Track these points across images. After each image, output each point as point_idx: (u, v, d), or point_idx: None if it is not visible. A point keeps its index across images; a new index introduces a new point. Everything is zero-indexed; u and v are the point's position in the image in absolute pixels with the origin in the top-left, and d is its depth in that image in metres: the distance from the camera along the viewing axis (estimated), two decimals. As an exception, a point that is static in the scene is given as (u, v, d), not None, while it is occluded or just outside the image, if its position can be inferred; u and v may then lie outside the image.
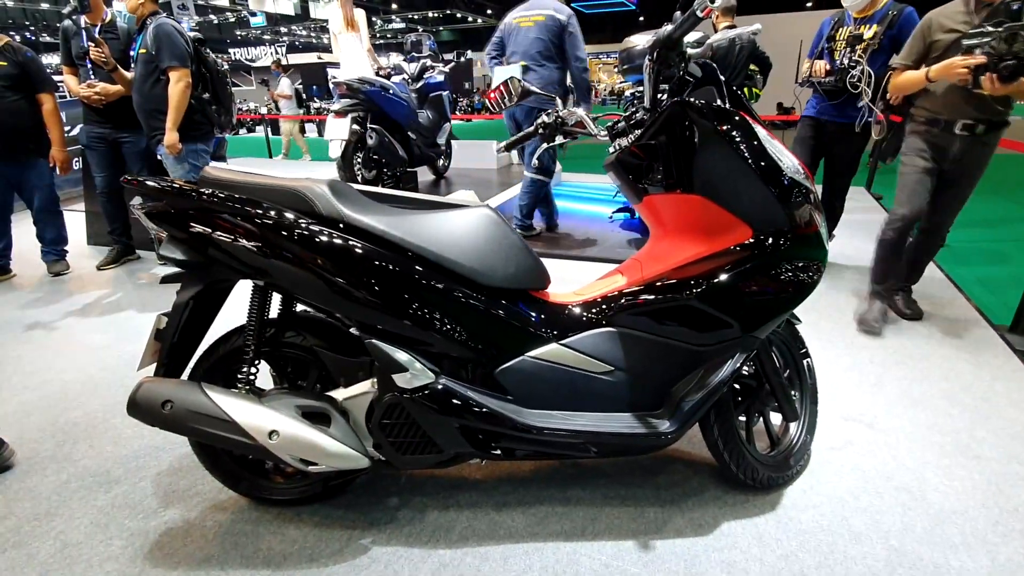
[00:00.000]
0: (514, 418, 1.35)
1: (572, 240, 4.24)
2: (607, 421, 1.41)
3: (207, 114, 3.07)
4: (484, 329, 1.36)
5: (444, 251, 1.34)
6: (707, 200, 1.35)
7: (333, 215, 1.30)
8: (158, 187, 1.32)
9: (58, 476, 1.71)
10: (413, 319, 1.29)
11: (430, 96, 5.79)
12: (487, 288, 1.37)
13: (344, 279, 1.25)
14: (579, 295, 1.53)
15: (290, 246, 1.25)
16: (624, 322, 1.42)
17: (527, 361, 1.41)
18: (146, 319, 2.83)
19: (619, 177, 1.50)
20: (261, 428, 1.28)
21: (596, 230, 4.49)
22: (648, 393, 1.45)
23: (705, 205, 1.35)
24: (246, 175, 1.38)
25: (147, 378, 1.34)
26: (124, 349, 2.51)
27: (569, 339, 1.43)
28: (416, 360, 1.31)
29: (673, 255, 1.42)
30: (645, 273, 1.45)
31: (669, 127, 1.36)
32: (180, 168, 2.99)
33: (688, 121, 1.34)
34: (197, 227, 1.28)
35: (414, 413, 1.33)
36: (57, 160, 3.29)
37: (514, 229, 1.44)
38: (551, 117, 1.62)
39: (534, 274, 1.44)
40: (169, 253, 1.31)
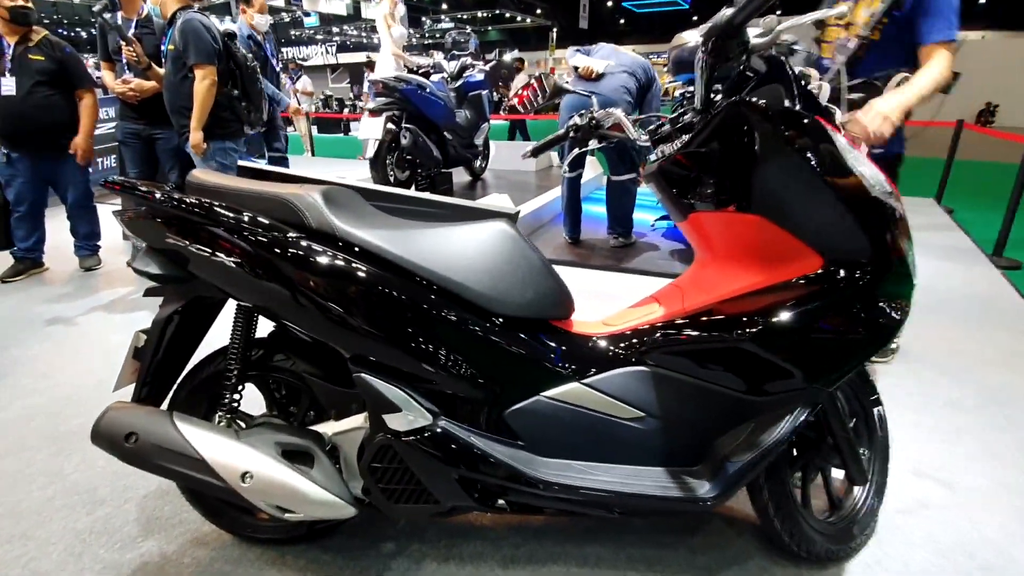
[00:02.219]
0: (524, 470, 1.15)
1: (608, 250, 4.00)
2: (635, 477, 1.19)
3: (236, 111, 2.99)
4: (494, 364, 1.17)
5: (450, 272, 1.15)
6: (768, 221, 1.11)
7: (324, 228, 1.13)
8: (139, 191, 1.19)
9: (44, 492, 1.61)
10: (410, 351, 1.12)
11: (469, 95, 5.64)
12: (500, 317, 1.18)
13: (334, 303, 1.09)
14: (607, 326, 1.32)
15: (272, 264, 1.09)
16: (659, 361, 1.20)
17: (542, 402, 1.21)
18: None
19: (661, 190, 1.28)
20: (233, 468, 1.12)
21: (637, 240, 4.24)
22: (684, 446, 1.23)
23: (765, 227, 1.12)
24: (235, 180, 1.23)
25: (116, 404, 1.21)
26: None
27: (592, 378, 1.22)
28: (412, 399, 1.13)
29: (722, 284, 1.19)
30: (687, 304, 1.23)
31: (724, 132, 1.13)
32: (207, 167, 2.92)
33: (748, 125, 1.10)
34: (174, 238, 1.14)
35: (407, 459, 1.15)
36: (79, 148, 3.25)
37: (534, 247, 1.24)
38: (584, 118, 1.41)
39: (556, 301, 1.24)
40: (143, 266, 1.17)
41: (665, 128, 1.27)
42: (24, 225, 3.31)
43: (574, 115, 1.45)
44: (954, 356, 2.42)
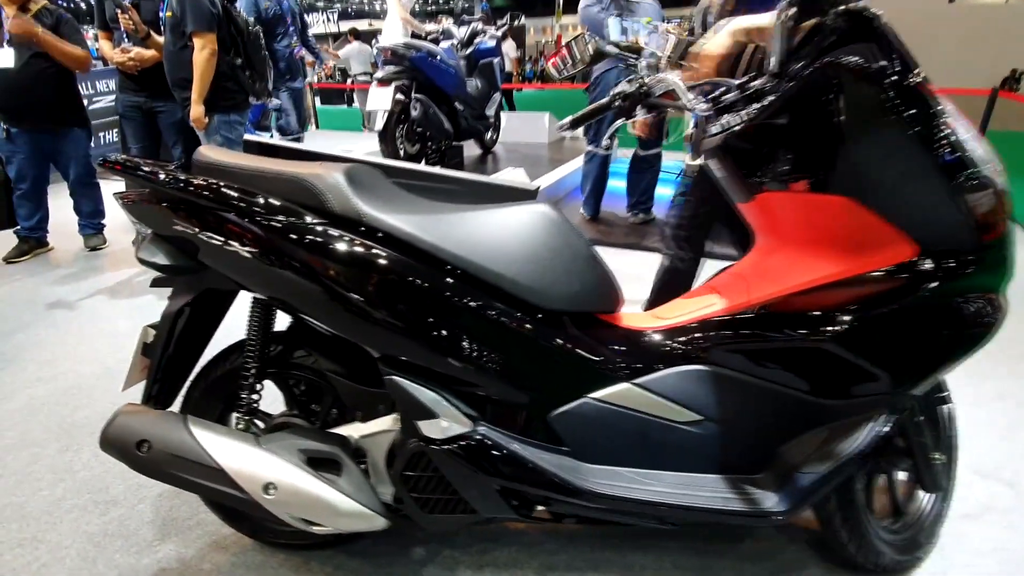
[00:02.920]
0: (571, 480, 1.05)
1: (628, 227, 3.85)
2: (692, 487, 1.09)
3: (240, 81, 2.82)
4: (537, 363, 1.06)
5: (488, 261, 1.03)
6: (857, 204, 0.97)
7: (349, 213, 1.01)
8: (141, 171, 1.06)
9: (53, 491, 1.53)
10: (446, 350, 1.00)
11: (480, 63, 5.42)
12: (543, 311, 1.06)
13: (360, 297, 0.97)
14: (659, 319, 1.19)
15: (293, 253, 0.97)
16: (720, 359, 1.09)
17: (590, 404, 1.10)
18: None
19: (723, 167, 1.14)
20: (255, 479, 1.02)
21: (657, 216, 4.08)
22: (745, 452, 1.12)
23: (853, 210, 0.98)
24: (247, 159, 1.10)
25: (126, 407, 1.11)
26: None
27: (645, 378, 1.10)
28: (449, 403, 1.03)
29: (794, 274, 1.06)
30: (752, 295, 1.10)
31: (811, 100, 0.98)
32: (211, 142, 2.78)
33: (841, 92, 0.95)
34: (182, 225, 1.02)
35: (443, 468, 1.05)
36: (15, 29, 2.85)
37: (578, 232, 1.11)
38: (634, 85, 1.25)
39: (603, 292, 1.12)
40: (149, 256, 1.06)
41: (729, 96, 1.12)
42: (27, 204, 3.19)
43: (621, 81, 1.30)
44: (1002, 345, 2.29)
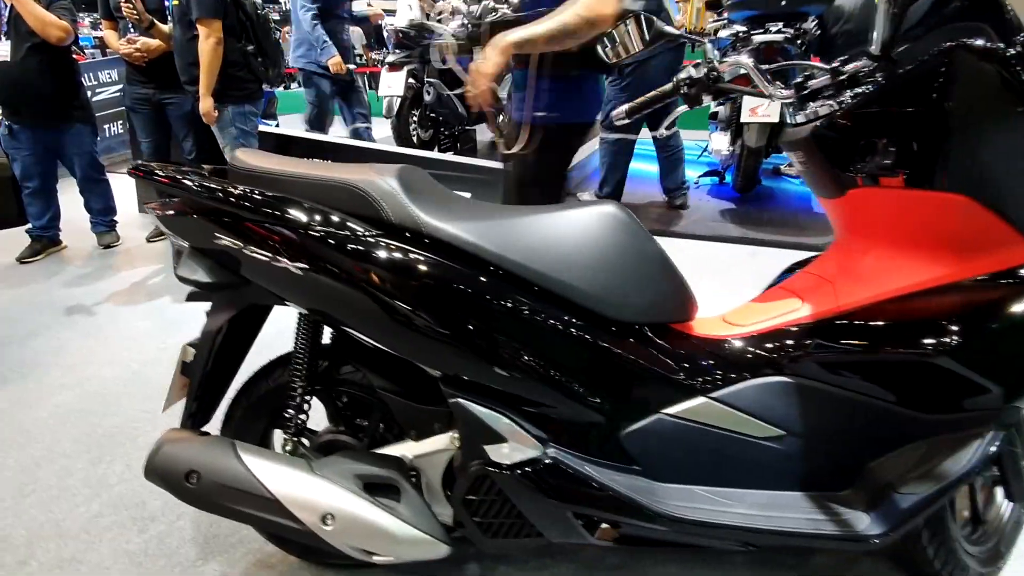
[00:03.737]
0: (647, 504, 0.98)
1: (651, 210, 3.75)
2: (775, 508, 1.01)
3: (252, 69, 2.71)
4: (611, 380, 0.99)
5: (558, 272, 0.95)
6: (974, 202, 0.88)
7: (407, 222, 0.93)
8: (173, 180, 0.98)
9: (88, 507, 1.48)
10: (516, 369, 0.93)
11: (491, 44, 5.25)
12: (616, 323, 0.98)
13: (425, 316, 0.89)
14: (734, 325, 1.11)
15: (350, 269, 0.89)
16: (806, 370, 1.01)
17: (665, 421, 1.02)
18: (194, 305, 2.61)
19: (811, 160, 1.04)
20: (313, 509, 0.96)
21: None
22: (831, 467, 1.04)
23: (970, 209, 0.88)
24: (286, 163, 1.02)
25: (169, 434, 1.04)
26: (168, 340, 2.28)
27: (723, 391, 1.03)
28: (518, 426, 0.95)
29: (892, 277, 0.97)
30: (842, 300, 1.01)
31: (928, 87, 0.88)
32: (226, 135, 2.68)
33: (971, 78, 0.84)
34: (226, 239, 0.94)
35: (511, 493, 0.98)
36: None
37: (648, 234, 1.02)
38: (701, 70, 1.15)
39: (679, 301, 1.03)
40: (190, 273, 0.98)
41: (817, 81, 1.02)
42: (36, 202, 3.11)
43: (687, 66, 1.19)
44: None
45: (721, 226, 3.43)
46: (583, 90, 1.52)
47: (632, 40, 1.36)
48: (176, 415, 1.17)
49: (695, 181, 4.26)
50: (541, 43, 1.22)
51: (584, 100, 1.55)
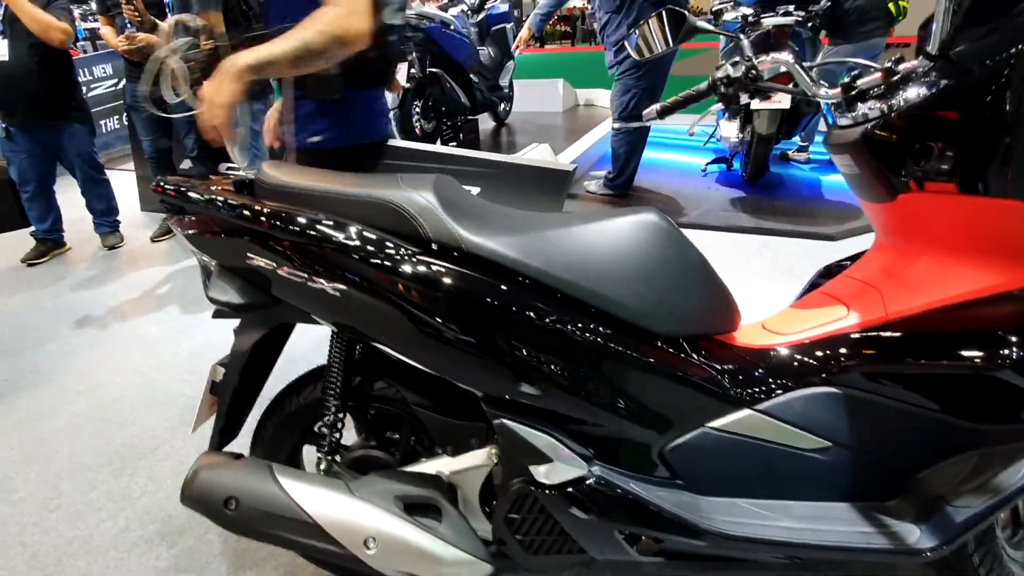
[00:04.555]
0: (694, 520, 0.96)
1: (658, 201, 3.70)
2: (823, 520, 1.00)
3: None
4: (656, 395, 0.96)
5: (601, 286, 0.92)
6: None
7: (445, 239, 0.89)
8: (199, 197, 0.95)
9: (115, 521, 1.47)
10: (562, 387, 0.91)
11: (492, 30, 5.17)
12: (660, 336, 0.96)
13: (470, 336, 0.87)
14: (776, 333, 1.09)
15: (390, 289, 0.86)
16: (856, 382, 0.98)
17: (709, 434, 1.00)
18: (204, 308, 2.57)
19: (860, 163, 1.00)
20: (354, 532, 0.94)
21: (689, 188, 3.93)
22: (877, 478, 1.03)
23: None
24: (316, 176, 0.98)
25: (204, 458, 1.02)
26: (181, 345, 2.26)
27: (768, 403, 1.00)
28: (562, 445, 0.93)
29: (942, 285, 0.94)
30: (891, 308, 0.98)
31: (1000, 90, 0.83)
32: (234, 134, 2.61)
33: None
34: (260, 260, 0.91)
35: (555, 512, 0.96)
36: None
37: (691, 243, 0.99)
38: (739, 68, 1.11)
39: (722, 311, 1.01)
40: (221, 295, 0.95)
41: (866, 80, 0.97)
42: (36, 205, 3.06)
43: (724, 64, 1.15)
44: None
45: (733, 216, 3.39)
46: (361, 109, 1.32)
47: (659, 37, 1.31)
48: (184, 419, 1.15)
49: (702, 169, 4.21)
50: (284, 66, 1.00)
51: (364, 119, 1.34)
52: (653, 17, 1.28)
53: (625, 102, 3.46)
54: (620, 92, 3.45)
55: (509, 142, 5.19)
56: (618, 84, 3.46)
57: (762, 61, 1.11)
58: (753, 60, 1.10)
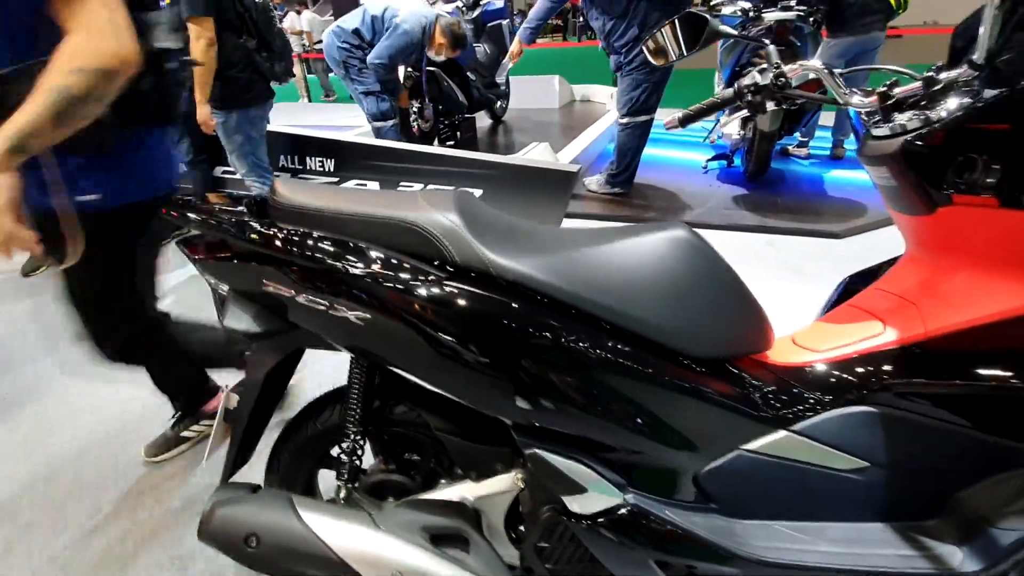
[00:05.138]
0: (730, 547, 0.94)
1: (661, 198, 3.67)
2: (861, 543, 0.98)
3: (257, 67, 2.51)
4: (692, 419, 0.93)
5: (638, 309, 0.89)
6: None
7: (473, 262, 0.86)
8: (209, 220, 0.91)
9: (123, 546, 1.42)
10: (598, 413, 0.87)
11: (488, 26, 5.10)
12: (695, 359, 0.93)
13: (505, 365, 0.83)
14: (809, 350, 1.06)
15: (419, 317, 0.82)
16: (894, 401, 0.96)
17: (744, 457, 0.97)
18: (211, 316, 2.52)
19: (898, 175, 0.96)
20: (381, 567, 0.91)
21: (690, 185, 3.90)
22: (916, 498, 1.00)
23: None
24: (333, 196, 0.94)
25: (220, 492, 0.98)
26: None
27: (804, 423, 0.98)
28: (597, 474, 0.90)
29: (987, 301, 0.91)
30: (930, 324, 0.95)
31: None
32: (231, 142, 2.54)
33: None
34: (274, 285, 0.87)
35: (589, 543, 0.93)
36: None
37: (723, 260, 0.96)
38: (767, 75, 1.07)
39: (757, 330, 0.98)
40: (236, 323, 0.91)
41: (903, 89, 0.94)
42: None
43: (751, 71, 1.11)
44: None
45: (736, 214, 3.37)
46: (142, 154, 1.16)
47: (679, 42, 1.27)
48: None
49: (703, 166, 4.19)
50: (48, 129, 0.85)
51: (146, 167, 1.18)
52: (672, 22, 1.24)
53: (635, 97, 3.42)
54: (630, 87, 3.41)
55: (507, 141, 5.13)
56: (627, 79, 3.42)
57: (792, 68, 1.07)
58: (782, 67, 1.07)
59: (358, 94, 3.70)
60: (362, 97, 3.69)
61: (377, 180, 3.00)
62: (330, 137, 3.05)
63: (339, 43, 3.58)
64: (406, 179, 2.94)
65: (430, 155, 2.86)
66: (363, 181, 3.04)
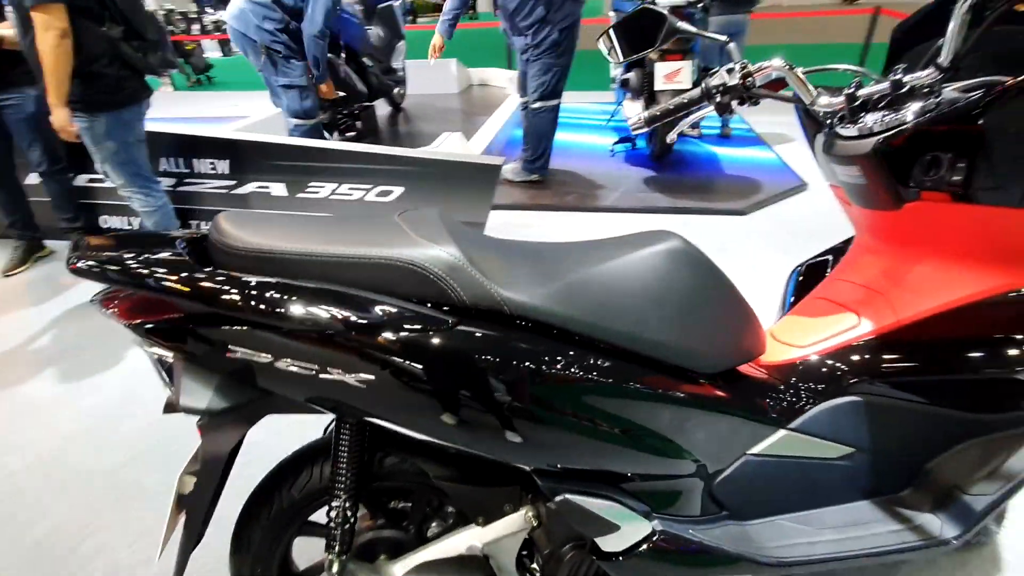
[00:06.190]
0: (751, 554, 0.95)
1: (577, 185, 3.70)
2: (855, 527, 1.03)
3: (127, 60, 2.10)
4: (708, 433, 0.92)
5: (650, 331, 0.85)
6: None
7: (484, 301, 0.76)
8: (145, 273, 0.72)
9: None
10: (626, 444, 0.83)
11: (378, 8, 4.81)
12: (705, 374, 0.91)
13: (531, 409, 0.76)
14: (791, 346, 1.08)
15: (434, 371, 0.72)
16: (875, 388, 1.01)
17: (750, 461, 0.98)
18: (96, 347, 2.15)
19: (869, 174, 1.00)
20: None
21: (601, 169, 3.97)
22: (892, 474, 1.08)
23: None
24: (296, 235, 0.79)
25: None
26: (83, 406, 1.88)
27: (798, 419, 1.01)
28: (626, 508, 0.86)
29: (951, 287, 0.98)
30: (901, 313, 1.01)
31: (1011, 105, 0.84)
32: (102, 151, 2.14)
33: None
34: (243, 351, 0.72)
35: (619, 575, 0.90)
36: None
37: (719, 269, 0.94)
38: (735, 75, 1.05)
39: (754, 338, 0.98)
40: (196, 400, 0.75)
41: (869, 90, 0.97)
42: None
43: (719, 70, 1.09)
44: None
45: (649, 197, 3.48)
46: None
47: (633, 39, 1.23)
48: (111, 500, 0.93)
49: (610, 149, 4.29)
50: None
51: None
52: (629, 17, 1.21)
53: (547, 81, 3.39)
54: (541, 71, 3.37)
55: (411, 130, 4.91)
56: (537, 64, 3.37)
57: (758, 69, 1.07)
58: (749, 68, 1.07)
59: (277, 87, 3.23)
60: (282, 91, 3.23)
61: (283, 182, 2.71)
62: (224, 135, 2.70)
63: (260, 22, 2.97)
64: (316, 180, 2.69)
65: (343, 152, 2.63)
66: (265, 184, 2.74)
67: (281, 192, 2.76)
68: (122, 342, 2.10)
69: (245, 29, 3.01)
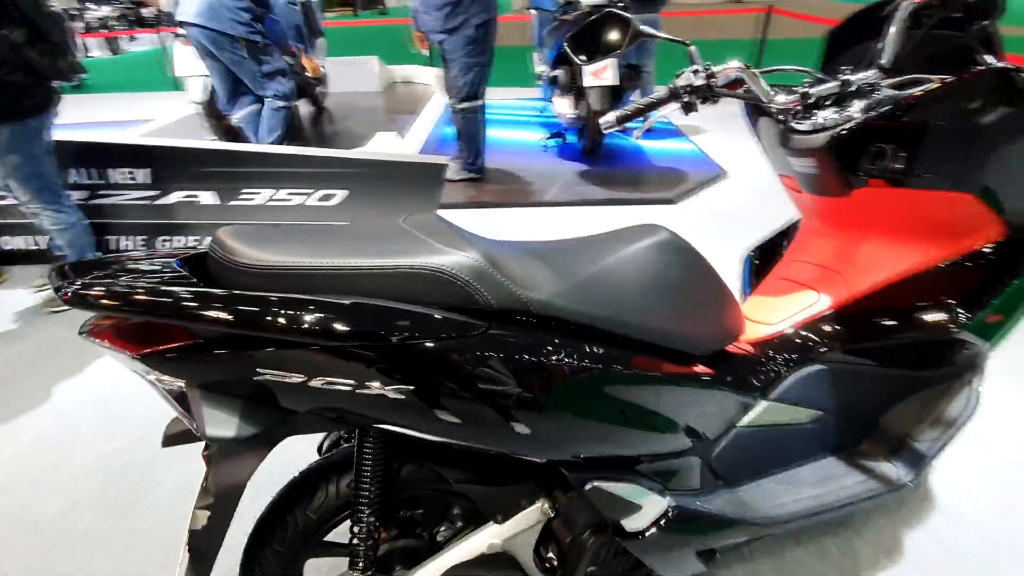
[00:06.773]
0: (751, 518, 1.04)
1: (515, 182, 3.76)
2: (828, 481, 1.15)
3: (33, 65, 1.91)
4: (708, 410, 1.00)
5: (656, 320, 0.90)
6: (978, 199, 1.04)
7: (511, 304, 0.78)
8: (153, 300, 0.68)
9: None
10: (645, 428, 0.89)
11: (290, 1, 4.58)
12: (696, 356, 0.98)
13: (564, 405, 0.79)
14: (763, 323, 1.19)
15: (473, 377, 0.73)
16: (837, 356, 1.13)
17: (741, 434, 1.07)
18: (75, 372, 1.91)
19: (821, 165, 1.11)
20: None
21: (536, 164, 4.05)
22: (850, 429, 1.21)
23: (972, 204, 1.04)
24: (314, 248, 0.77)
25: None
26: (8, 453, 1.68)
27: (776, 390, 1.11)
28: (645, 489, 0.91)
29: (892, 262, 1.12)
30: (854, 287, 1.14)
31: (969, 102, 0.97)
32: (5, 164, 1.91)
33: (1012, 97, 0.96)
34: (274, 372, 0.69)
35: (641, 554, 0.95)
36: None
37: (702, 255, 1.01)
38: (700, 76, 1.13)
39: (737, 319, 1.06)
40: (223, 431, 0.71)
41: (819, 89, 1.08)
42: None
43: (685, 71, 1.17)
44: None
45: (586, 190, 3.60)
46: None
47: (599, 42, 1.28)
48: None
49: (543, 145, 4.37)
50: None
51: None
52: (594, 20, 1.26)
53: (469, 81, 3.40)
54: (462, 71, 3.38)
55: (337, 131, 4.74)
56: (457, 64, 3.37)
57: (720, 70, 1.15)
58: (712, 69, 1.15)
59: (258, 79, 3.07)
60: (266, 81, 3.08)
61: (212, 190, 2.54)
62: (143, 142, 2.48)
63: (235, 16, 2.84)
64: (250, 186, 2.54)
65: (278, 156, 2.51)
66: (193, 193, 2.56)
67: (211, 201, 2.59)
68: (53, 373, 1.89)
69: (219, 25, 2.88)
